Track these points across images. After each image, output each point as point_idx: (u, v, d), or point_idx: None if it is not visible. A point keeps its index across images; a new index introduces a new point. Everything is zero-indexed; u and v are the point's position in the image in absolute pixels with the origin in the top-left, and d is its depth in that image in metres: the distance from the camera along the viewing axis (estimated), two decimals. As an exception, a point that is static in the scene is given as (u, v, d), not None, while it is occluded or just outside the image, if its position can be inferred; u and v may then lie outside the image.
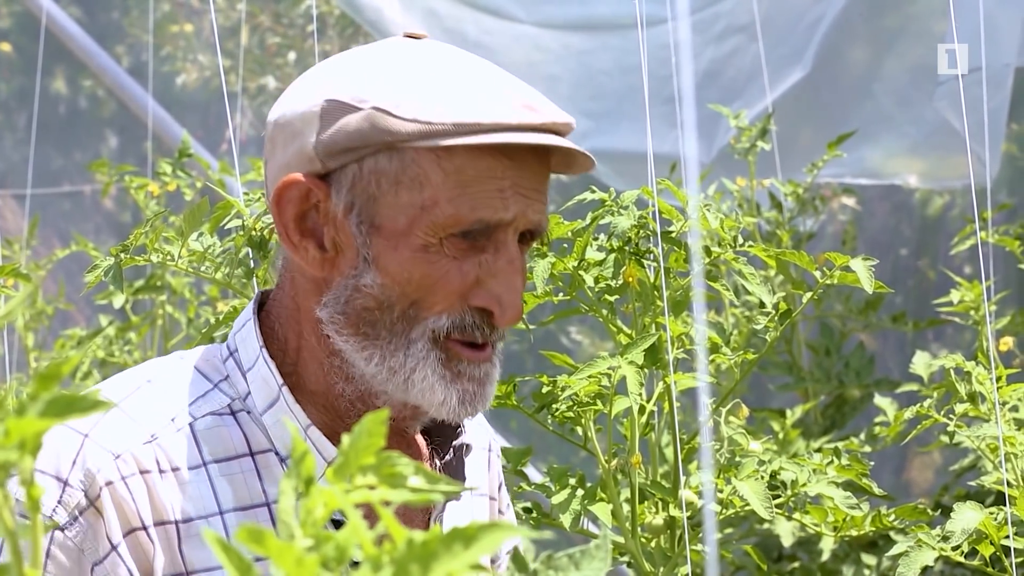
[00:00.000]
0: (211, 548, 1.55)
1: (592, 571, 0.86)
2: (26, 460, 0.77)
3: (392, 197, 1.58)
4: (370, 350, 1.61)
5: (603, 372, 2.25)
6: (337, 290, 1.62)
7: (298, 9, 6.54)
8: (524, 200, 1.61)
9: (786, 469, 2.43)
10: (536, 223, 1.63)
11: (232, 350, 1.68)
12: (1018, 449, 2.46)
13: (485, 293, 1.61)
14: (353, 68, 1.63)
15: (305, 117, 1.61)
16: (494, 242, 1.61)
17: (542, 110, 1.60)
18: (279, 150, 1.64)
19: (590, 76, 4.63)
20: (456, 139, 1.56)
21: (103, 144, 6.31)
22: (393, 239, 1.59)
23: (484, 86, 1.60)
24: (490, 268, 1.61)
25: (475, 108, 1.57)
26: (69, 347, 4.04)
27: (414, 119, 1.56)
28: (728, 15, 4.60)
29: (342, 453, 0.82)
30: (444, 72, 1.61)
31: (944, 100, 4.20)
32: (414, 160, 1.57)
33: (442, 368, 1.61)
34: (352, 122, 1.58)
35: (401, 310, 1.60)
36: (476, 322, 1.61)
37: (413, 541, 0.73)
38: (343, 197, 1.60)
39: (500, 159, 1.59)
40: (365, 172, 1.59)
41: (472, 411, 1.64)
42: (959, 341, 5.05)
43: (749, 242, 2.40)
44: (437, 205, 1.57)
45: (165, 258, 2.42)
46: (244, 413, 1.64)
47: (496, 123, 1.56)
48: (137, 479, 1.55)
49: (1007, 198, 4.78)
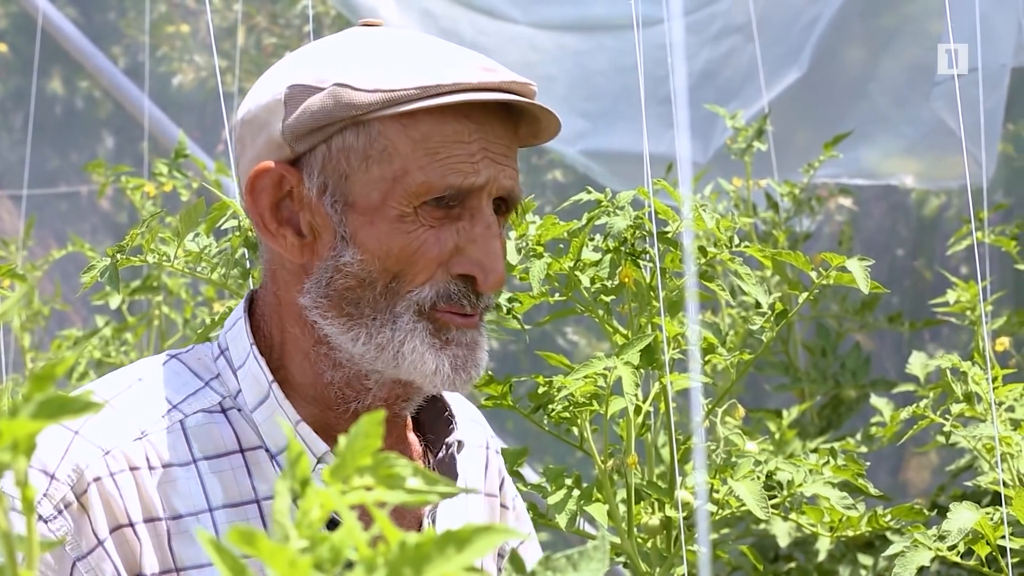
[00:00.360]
0: (202, 547, 1.56)
1: (590, 572, 0.86)
2: (19, 461, 0.77)
3: (363, 173, 1.59)
4: (356, 329, 1.62)
5: (599, 372, 2.25)
6: (318, 274, 1.62)
7: (294, 9, 6.54)
8: (495, 165, 1.62)
9: (782, 469, 2.43)
10: (509, 188, 1.65)
11: (223, 348, 1.69)
12: (1014, 449, 2.46)
13: (466, 260, 1.61)
14: (312, 54, 1.65)
15: (269, 107, 1.62)
16: (469, 209, 1.62)
17: (501, 72, 1.62)
18: (248, 146, 1.65)
19: (586, 77, 4.63)
20: (419, 103, 1.57)
21: (99, 145, 6.30)
22: (368, 214, 1.59)
23: (442, 53, 1.62)
24: (468, 235, 1.61)
25: (435, 72, 1.58)
26: (65, 348, 4.04)
27: (376, 88, 1.58)
28: (724, 15, 4.60)
29: (339, 454, 0.82)
30: (402, 46, 1.63)
31: (940, 100, 4.20)
32: (380, 132, 1.59)
33: (431, 337, 1.62)
34: (316, 102, 1.59)
35: (383, 285, 1.60)
36: (461, 290, 1.62)
37: (406, 543, 0.73)
38: (315, 179, 1.61)
39: (465, 123, 1.60)
40: (334, 151, 1.60)
41: (466, 377, 1.64)
42: (955, 341, 5.05)
43: (745, 242, 2.40)
44: (408, 174, 1.58)
45: (161, 259, 2.42)
46: (235, 411, 1.64)
47: (457, 83, 1.58)
48: (126, 475, 1.55)
49: (1003, 198, 4.78)
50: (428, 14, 4.68)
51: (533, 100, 1.62)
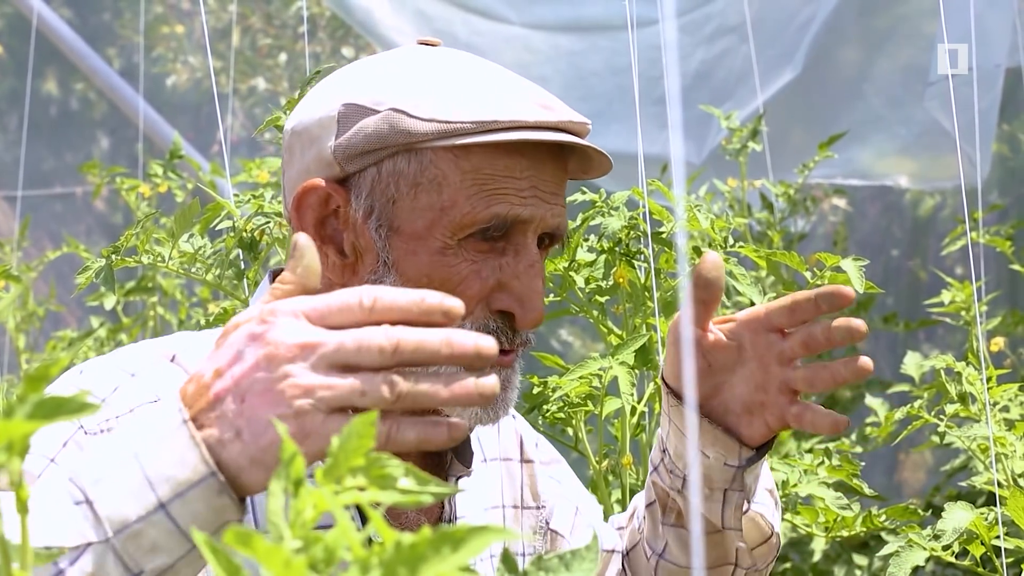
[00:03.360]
0: None
1: (582, 572, 0.86)
2: (14, 462, 0.77)
3: (411, 200, 1.58)
4: None
5: (594, 373, 2.25)
6: None
7: (289, 11, 6.54)
8: (543, 203, 1.60)
9: (777, 470, 2.43)
10: (555, 226, 1.63)
11: None
12: (1008, 449, 2.46)
13: (506, 296, 1.60)
14: (369, 73, 1.63)
15: (322, 122, 1.61)
16: (513, 244, 1.60)
17: (558, 109, 1.60)
18: (297, 157, 1.64)
19: (580, 77, 4.63)
20: (475, 137, 1.55)
21: (94, 145, 6.30)
22: (412, 242, 1.58)
23: (500, 86, 1.60)
24: (511, 271, 1.60)
25: (493, 107, 1.57)
26: (60, 348, 4.04)
27: (432, 118, 1.56)
28: (719, 16, 4.60)
29: (331, 455, 0.82)
30: (460, 73, 1.61)
31: (935, 101, 4.21)
32: (432, 161, 1.57)
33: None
34: (370, 124, 1.58)
35: None
36: (499, 326, 1.61)
37: (401, 544, 0.73)
38: (362, 201, 1.59)
39: (518, 159, 1.59)
40: (384, 175, 1.58)
41: (494, 417, 1.64)
42: (950, 342, 5.06)
43: (740, 243, 2.41)
44: (455, 205, 1.57)
45: (156, 259, 2.42)
46: None
47: (514, 121, 1.56)
48: None
49: (998, 198, 4.79)
50: (422, 15, 4.69)
51: (587, 140, 1.61)
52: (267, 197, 2.45)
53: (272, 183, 3.28)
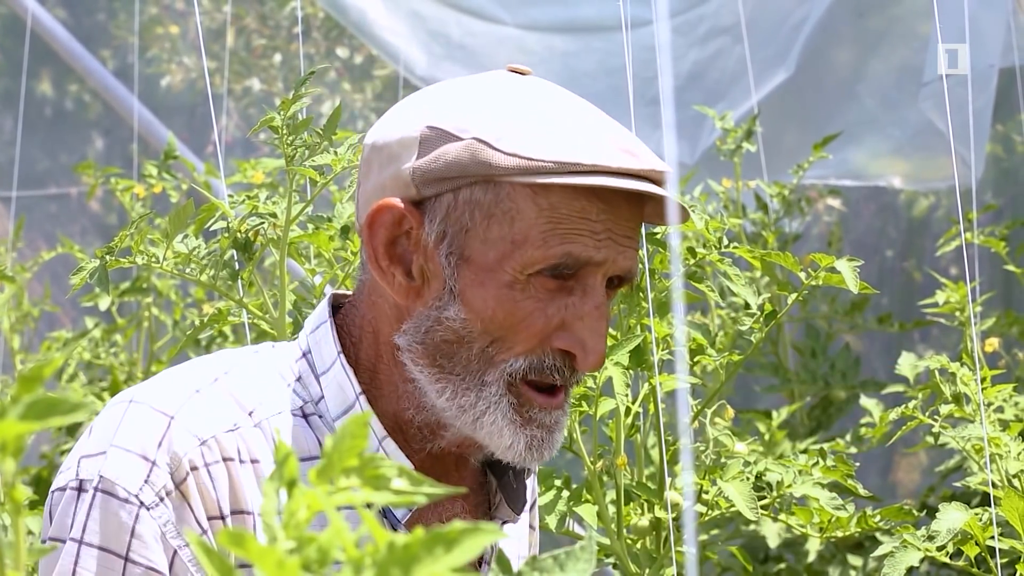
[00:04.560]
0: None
1: (577, 572, 0.86)
2: (8, 463, 0.77)
3: (484, 230, 1.57)
4: (443, 383, 1.60)
5: (589, 374, 2.26)
6: (418, 319, 1.60)
7: (283, 11, 6.54)
8: (616, 247, 1.59)
9: (772, 470, 2.43)
10: (627, 269, 1.62)
11: (304, 351, 1.67)
12: (1003, 450, 2.46)
13: (569, 336, 1.59)
14: (455, 97, 1.62)
15: (404, 142, 1.60)
16: (582, 285, 1.59)
17: (642, 156, 1.59)
18: (374, 173, 1.63)
19: (573, 78, 4.63)
20: (555, 178, 1.54)
21: (89, 146, 6.30)
22: (481, 273, 1.57)
23: (586, 127, 1.59)
24: (577, 311, 1.59)
25: (576, 148, 1.56)
26: (55, 349, 4.03)
27: (515, 153, 1.55)
28: (712, 17, 4.61)
29: (325, 455, 0.82)
30: (547, 109, 1.60)
31: (929, 101, 4.21)
32: (509, 195, 1.56)
33: (513, 413, 1.60)
34: (452, 151, 1.57)
35: (480, 348, 1.58)
36: (556, 364, 1.60)
37: (394, 544, 0.73)
38: (436, 226, 1.58)
39: (595, 202, 1.57)
40: (460, 202, 1.57)
41: (539, 458, 1.63)
42: (945, 342, 5.06)
43: (734, 243, 2.41)
44: (527, 241, 1.56)
45: (151, 260, 2.42)
46: (316, 417, 1.63)
47: (596, 165, 1.55)
48: (220, 467, 1.55)
49: (992, 199, 4.79)
50: (416, 15, 4.69)
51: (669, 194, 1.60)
52: (262, 198, 2.45)
53: (267, 183, 3.28)
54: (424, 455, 1.67)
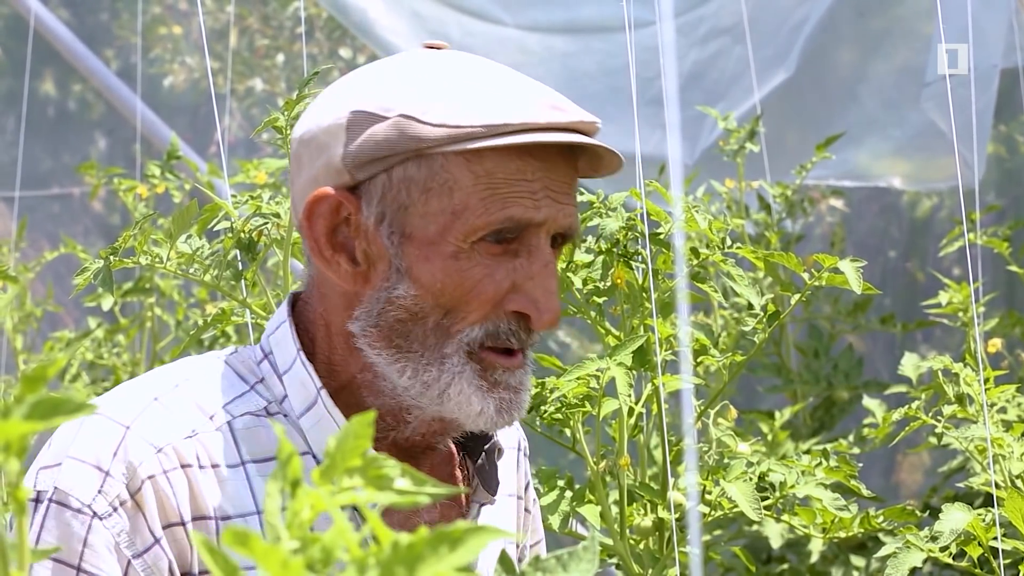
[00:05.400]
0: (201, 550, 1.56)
1: (580, 573, 0.86)
2: (12, 462, 0.77)
3: (422, 205, 1.57)
4: (403, 363, 1.60)
5: (592, 374, 2.25)
6: (369, 303, 1.61)
7: (286, 11, 6.54)
8: (555, 203, 1.60)
9: (775, 471, 2.43)
10: (567, 226, 1.63)
11: (267, 352, 1.67)
12: (1006, 451, 2.46)
13: (521, 297, 1.60)
14: (376, 79, 1.62)
15: (331, 130, 1.60)
16: (527, 246, 1.60)
17: (569, 110, 1.61)
18: (305, 166, 1.63)
19: (573, 78, 4.63)
20: (486, 141, 1.55)
21: (92, 146, 6.30)
22: (425, 248, 1.58)
23: (510, 88, 1.60)
24: (525, 272, 1.59)
25: (503, 110, 1.56)
26: (58, 349, 4.03)
27: (442, 123, 1.56)
28: (712, 17, 4.61)
29: (328, 455, 0.82)
30: (469, 77, 1.60)
31: (931, 101, 4.21)
32: (443, 166, 1.57)
33: (478, 379, 1.60)
34: (379, 131, 1.57)
35: (435, 321, 1.59)
36: (512, 328, 1.60)
37: (399, 543, 0.73)
38: (373, 208, 1.59)
39: (529, 160, 1.58)
40: (394, 181, 1.58)
41: (509, 420, 1.63)
42: (948, 343, 5.06)
43: (737, 244, 2.41)
44: (468, 209, 1.56)
45: (154, 260, 2.42)
46: (281, 416, 1.63)
47: (525, 123, 1.56)
48: (178, 473, 1.55)
49: (995, 199, 4.79)
50: (417, 16, 4.69)
51: (597, 140, 1.61)
52: (265, 198, 2.45)
53: (270, 183, 3.28)
54: (388, 444, 1.67)
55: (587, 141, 1.58)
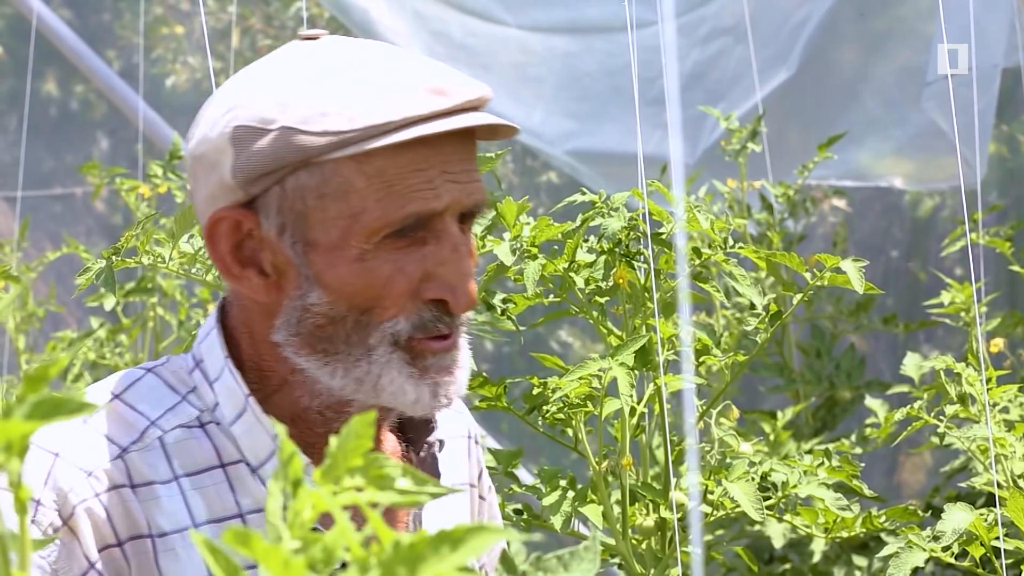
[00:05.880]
0: (187, 559, 1.55)
1: (581, 572, 0.86)
2: (13, 463, 0.77)
3: (320, 212, 1.55)
4: (332, 365, 1.59)
5: (594, 374, 2.25)
6: (287, 312, 1.59)
7: (288, 11, 6.54)
8: (455, 186, 1.58)
9: (777, 471, 2.43)
10: (473, 204, 1.61)
11: (198, 361, 1.66)
12: (1008, 450, 2.46)
13: (436, 285, 1.58)
14: (255, 89, 1.59)
15: (218, 146, 1.58)
16: (434, 232, 1.58)
17: (452, 92, 1.57)
18: (201, 183, 1.61)
19: (575, 78, 4.63)
20: (370, 143, 1.53)
21: (94, 146, 6.30)
22: (329, 254, 1.56)
23: (388, 81, 1.56)
24: (436, 258, 1.58)
25: (384, 107, 1.54)
26: (60, 349, 4.03)
27: (324, 131, 1.53)
28: (714, 17, 4.61)
29: (330, 455, 0.82)
30: (345, 75, 1.57)
31: (932, 101, 4.21)
32: (334, 171, 1.54)
33: (408, 367, 1.59)
34: (264, 145, 1.55)
35: (354, 320, 1.57)
36: (435, 315, 1.59)
37: (400, 543, 0.73)
38: (272, 220, 1.57)
39: (420, 151, 1.56)
40: (288, 192, 1.56)
41: (447, 402, 1.62)
42: (950, 343, 5.06)
43: (739, 244, 2.40)
44: (366, 211, 1.54)
45: (156, 260, 2.42)
46: (213, 425, 1.62)
47: (407, 118, 1.53)
48: (111, 495, 1.54)
49: (997, 199, 4.79)
50: (418, 15, 4.69)
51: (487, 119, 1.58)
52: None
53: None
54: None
55: (471, 123, 1.56)
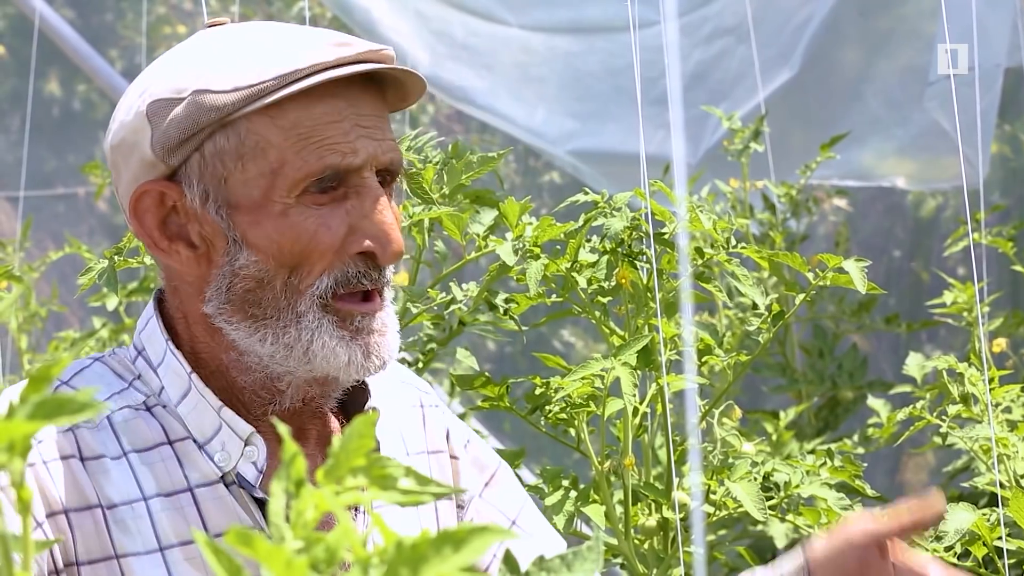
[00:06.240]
0: (136, 530, 1.57)
1: (584, 572, 0.86)
2: (15, 463, 0.77)
3: (240, 173, 1.59)
4: (262, 331, 1.62)
5: (596, 374, 2.25)
6: (217, 281, 1.62)
7: (291, 11, 6.54)
8: (371, 141, 1.61)
9: (779, 471, 2.43)
10: (389, 161, 1.63)
11: (140, 349, 1.69)
12: (1011, 450, 2.46)
13: (361, 237, 1.60)
14: (166, 66, 1.64)
15: (135, 127, 1.62)
16: (354, 187, 1.61)
17: (354, 44, 1.61)
18: (123, 170, 1.64)
19: (577, 78, 4.63)
20: (280, 92, 1.57)
21: (96, 146, 6.31)
22: (253, 213, 1.59)
23: (292, 39, 1.61)
24: (359, 212, 1.60)
25: (290, 58, 1.58)
26: (63, 349, 4.03)
27: (235, 87, 1.57)
28: (716, 17, 4.61)
29: (332, 455, 0.82)
30: (251, 39, 1.63)
31: (934, 101, 4.21)
32: (249, 129, 1.58)
33: (338, 330, 1.61)
34: (179, 113, 1.59)
35: (282, 281, 1.60)
36: (361, 270, 1.61)
37: (403, 544, 0.73)
38: (195, 189, 1.60)
39: (332, 102, 1.59)
40: (207, 157, 1.59)
41: (380, 363, 1.63)
42: (952, 342, 5.05)
43: (742, 244, 2.40)
44: (285, 164, 1.58)
45: (158, 260, 2.42)
46: (159, 407, 1.65)
47: (315, 65, 1.57)
48: (58, 464, 1.57)
49: (1000, 199, 4.79)
50: (421, 15, 4.69)
51: (393, 65, 1.62)
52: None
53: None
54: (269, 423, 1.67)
55: (377, 67, 1.59)
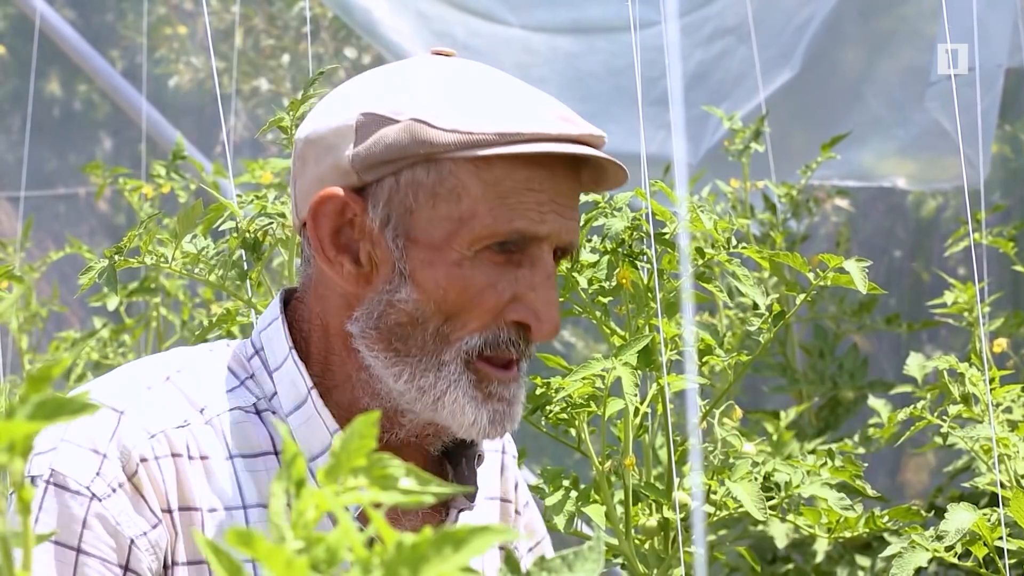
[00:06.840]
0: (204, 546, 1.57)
1: (585, 572, 0.86)
2: (16, 462, 0.77)
3: (429, 210, 1.58)
4: (400, 366, 1.61)
5: (597, 374, 2.25)
6: (370, 305, 1.61)
7: (292, 11, 6.54)
8: (560, 218, 1.61)
9: (780, 471, 2.43)
10: (569, 242, 1.64)
11: (258, 348, 1.68)
12: (1011, 450, 2.46)
13: (523, 308, 1.60)
14: (387, 82, 1.62)
15: (339, 131, 1.60)
16: (530, 257, 1.60)
17: (579, 123, 1.61)
18: (311, 165, 1.63)
19: (578, 78, 4.63)
20: (496, 149, 1.55)
21: (97, 146, 6.30)
22: (429, 253, 1.58)
23: (520, 98, 1.60)
24: (528, 282, 1.60)
25: (515, 118, 1.57)
26: (63, 349, 4.03)
27: (454, 129, 1.56)
28: (717, 17, 4.61)
29: (333, 455, 0.82)
30: (479, 84, 1.61)
31: (935, 101, 4.21)
32: (452, 172, 1.57)
33: (473, 389, 1.61)
34: (390, 134, 1.57)
35: (435, 327, 1.59)
36: (511, 338, 1.61)
37: (403, 544, 0.73)
38: (379, 211, 1.59)
39: (537, 171, 1.59)
40: (402, 185, 1.58)
41: (501, 431, 1.64)
42: (953, 343, 5.05)
43: (743, 244, 2.40)
44: (475, 216, 1.57)
45: (159, 260, 2.42)
46: (269, 413, 1.64)
47: (536, 133, 1.57)
48: (168, 461, 1.56)
49: (1001, 199, 4.78)
50: (422, 16, 4.69)
51: (603, 152, 1.62)
52: (270, 198, 2.46)
53: (275, 184, 3.28)
54: (382, 446, 1.66)
55: (598, 153, 1.59)
